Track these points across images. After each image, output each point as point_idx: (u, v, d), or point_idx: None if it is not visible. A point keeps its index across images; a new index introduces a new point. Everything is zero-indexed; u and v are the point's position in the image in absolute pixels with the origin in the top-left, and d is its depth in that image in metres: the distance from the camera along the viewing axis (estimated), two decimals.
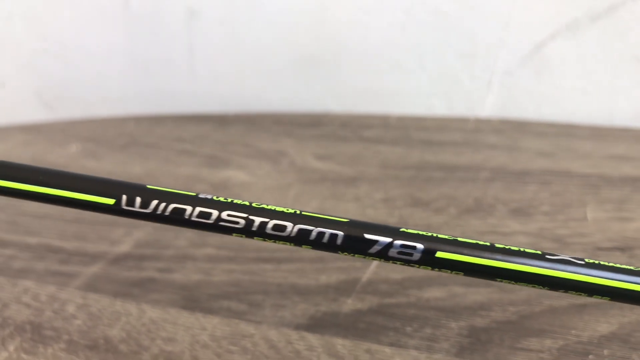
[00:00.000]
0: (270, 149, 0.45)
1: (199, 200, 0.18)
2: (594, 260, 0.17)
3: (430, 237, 0.18)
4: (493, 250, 0.17)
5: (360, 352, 0.25)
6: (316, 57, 0.51)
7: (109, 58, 0.56)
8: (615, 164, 0.40)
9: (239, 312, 0.28)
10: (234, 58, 0.53)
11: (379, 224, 0.18)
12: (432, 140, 0.45)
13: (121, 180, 0.18)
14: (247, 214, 0.17)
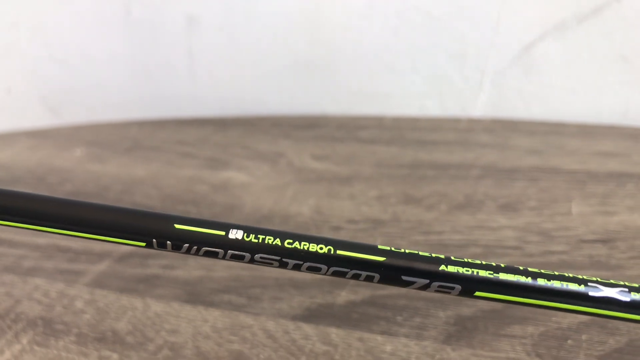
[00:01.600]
0: (268, 150, 0.47)
1: (229, 242, 0.17)
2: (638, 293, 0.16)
3: (470, 276, 0.17)
4: (534, 290, 0.16)
5: (353, 340, 0.26)
6: (312, 61, 0.53)
7: (111, 64, 0.57)
8: (602, 160, 0.41)
9: (239, 305, 0.29)
10: (232, 63, 0.55)
11: (419, 258, 0.17)
12: (425, 140, 0.47)
13: (149, 216, 0.18)
14: (280, 256, 0.17)
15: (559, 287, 0.16)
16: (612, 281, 0.17)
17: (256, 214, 0.38)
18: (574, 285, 0.16)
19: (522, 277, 0.16)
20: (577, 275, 0.17)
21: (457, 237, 0.34)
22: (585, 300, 0.16)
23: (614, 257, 0.31)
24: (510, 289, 0.16)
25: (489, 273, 0.16)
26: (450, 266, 0.17)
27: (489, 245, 0.33)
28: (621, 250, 0.32)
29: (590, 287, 0.16)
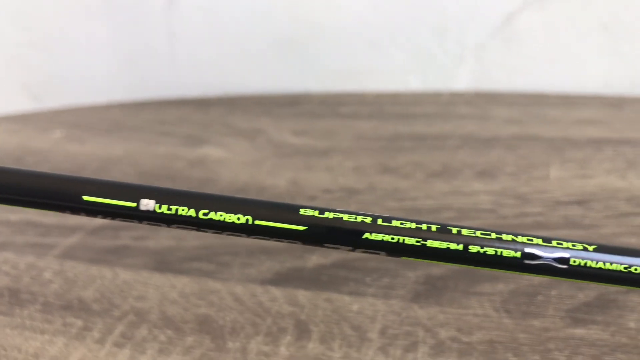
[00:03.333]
0: (248, 127, 0.46)
1: (141, 213, 0.17)
2: (577, 259, 0.16)
3: (394, 245, 0.16)
4: (464, 258, 0.16)
5: (320, 301, 0.26)
6: (293, 39, 0.52)
7: (92, 48, 0.57)
8: (581, 128, 0.41)
9: (208, 272, 0.29)
10: (213, 43, 0.54)
11: (342, 224, 0.16)
12: (405, 114, 0.47)
13: (59, 185, 0.17)
14: (196, 226, 0.17)
15: (492, 255, 0.16)
16: (554, 243, 0.16)
17: (231, 187, 0.37)
18: (509, 252, 0.16)
19: (453, 244, 0.16)
20: (517, 238, 0.16)
21: (430, 202, 0.33)
22: (519, 267, 0.16)
23: (589, 217, 0.31)
24: (438, 257, 0.16)
25: (416, 240, 0.16)
26: (374, 234, 0.16)
27: (462, 209, 0.32)
28: (596, 210, 0.31)
29: (527, 254, 0.15)
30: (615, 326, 0.23)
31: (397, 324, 0.24)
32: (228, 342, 0.24)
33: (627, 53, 0.46)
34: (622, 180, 0.34)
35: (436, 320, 0.24)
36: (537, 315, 0.24)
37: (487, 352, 0.23)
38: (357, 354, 0.23)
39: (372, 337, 0.24)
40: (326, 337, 0.24)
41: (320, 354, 0.23)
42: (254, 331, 0.25)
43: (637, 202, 0.32)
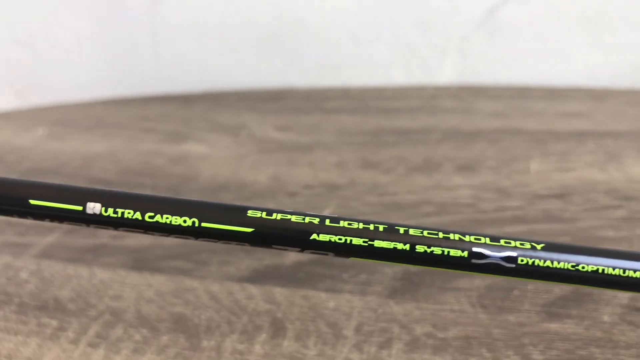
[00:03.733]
0: (231, 123, 0.46)
1: (88, 217, 0.16)
2: (525, 258, 0.15)
3: (341, 245, 0.16)
4: (411, 257, 0.16)
5: (297, 298, 0.26)
6: (277, 33, 0.52)
7: (76, 45, 0.57)
8: (565, 121, 0.41)
9: (185, 270, 0.29)
10: (197, 38, 0.54)
11: (290, 226, 0.16)
12: (389, 108, 0.46)
13: (5, 189, 0.17)
14: (143, 229, 0.16)
15: (439, 255, 0.16)
16: (502, 242, 0.16)
17: (212, 183, 0.37)
18: (456, 252, 0.15)
19: (400, 244, 0.16)
20: (464, 238, 0.16)
21: (411, 197, 0.33)
22: (467, 267, 0.15)
23: (568, 211, 0.31)
24: (386, 257, 0.16)
25: (363, 241, 0.16)
26: (322, 235, 0.16)
27: (442, 203, 0.32)
28: (575, 203, 0.31)
29: (474, 253, 0.15)
30: (590, 320, 0.23)
31: (373, 321, 0.24)
32: (203, 341, 0.24)
33: (610, 45, 0.46)
34: (603, 173, 0.34)
35: (412, 316, 0.24)
36: (512, 310, 0.24)
37: (461, 347, 0.23)
38: (332, 351, 0.23)
39: (348, 334, 0.24)
40: (301, 334, 0.24)
41: (295, 351, 0.23)
42: (229, 329, 0.25)
43: (616, 195, 0.32)
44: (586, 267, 0.15)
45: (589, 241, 0.28)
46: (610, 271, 0.15)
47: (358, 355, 0.23)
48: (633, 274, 0.15)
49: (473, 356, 0.22)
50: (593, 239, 0.28)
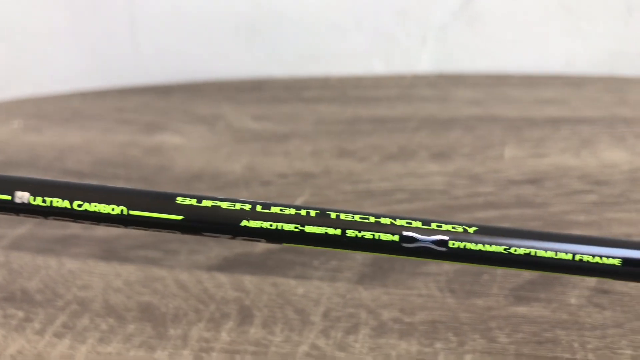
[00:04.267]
0: (208, 113, 0.46)
1: (17, 206, 0.16)
2: (456, 242, 0.15)
3: (273, 231, 0.16)
4: (343, 242, 0.16)
5: (266, 285, 0.26)
6: (256, 23, 0.52)
7: (53, 37, 0.56)
8: (541, 107, 0.41)
9: (155, 259, 0.28)
10: (175, 29, 0.53)
11: (220, 213, 0.16)
12: (367, 97, 0.46)
13: None
14: (72, 218, 0.16)
15: (369, 239, 0.15)
16: (433, 226, 0.15)
17: (186, 174, 0.37)
18: (387, 236, 0.15)
19: (331, 229, 0.15)
20: (395, 222, 0.15)
21: (384, 184, 0.33)
22: (398, 251, 0.15)
23: (540, 196, 0.31)
24: (317, 242, 0.16)
25: (294, 227, 0.16)
26: (252, 221, 0.16)
27: (415, 190, 0.32)
28: (548, 188, 0.31)
29: (405, 237, 0.15)
30: (557, 303, 0.23)
31: (341, 306, 0.24)
32: (169, 329, 0.24)
33: (588, 32, 0.46)
34: (576, 158, 0.34)
35: (380, 301, 0.24)
36: (481, 294, 0.24)
37: (428, 332, 0.22)
38: (298, 338, 0.23)
39: (315, 320, 0.24)
40: (268, 321, 0.24)
41: (261, 338, 0.23)
42: (196, 317, 0.24)
43: (588, 180, 0.32)
44: (518, 250, 0.15)
45: (560, 225, 0.28)
46: (542, 254, 0.15)
47: (324, 341, 0.22)
48: (565, 256, 0.15)
49: (439, 340, 0.22)
50: (563, 224, 0.28)
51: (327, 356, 0.22)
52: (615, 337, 0.21)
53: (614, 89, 0.43)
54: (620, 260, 0.15)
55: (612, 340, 0.21)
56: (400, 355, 0.21)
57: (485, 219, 0.29)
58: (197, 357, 0.22)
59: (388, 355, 0.22)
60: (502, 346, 0.21)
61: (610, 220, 0.28)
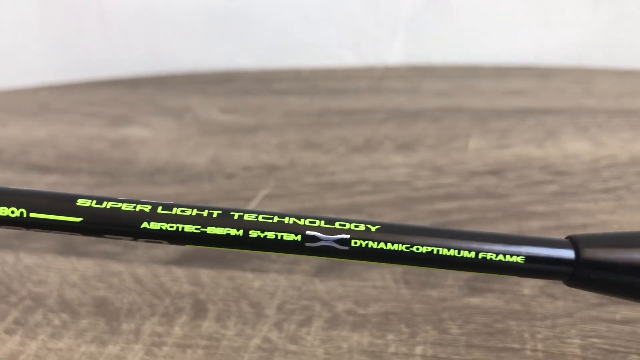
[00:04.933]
0: (177, 106, 0.45)
1: None
2: (358, 240, 0.15)
3: (174, 233, 0.16)
4: (245, 243, 0.16)
5: (223, 279, 0.26)
6: (227, 15, 0.51)
7: (23, 29, 0.55)
8: (508, 98, 0.41)
9: (113, 254, 0.28)
10: (146, 20, 0.53)
11: (120, 215, 0.16)
12: (337, 89, 0.46)
13: None
14: None
15: (272, 239, 0.15)
16: (336, 225, 0.15)
17: (150, 167, 0.36)
18: (289, 236, 0.15)
19: (233, 230, 0.15)
20: (299, 221, 0.15)
21: (348, 176, 0.33)
22: (301, 250, 0.15)
23: (501, 187, 0.31)
24: (219, 243, 0.16)
25: (195, 228, 0.15)
26: (153, 223, 0.16)
27: (378, 182, 0.32)
28: (509, 179, 0.31)
29: (308, 237, 0.15)
30: (511, 294, 0.23)
31: (296, 299, 0.24)
32: (123, 324, 0.24)
33: (556, 24, 0.46)
34: (539, 149, 0.34)
35: (335, 293, 0.24)
36: (435, 285, 0.24)
37: (380, 323, 0.22)
38: (251, 331, 0.23)
39: (269, 313, 0.23)
40: (222, 315, 0.24)
41: (214, 332, 0.23)
42: (150, 312, 0.24)
43: (550, 171, 0.32)
44: (421, 249, 0.15)
45: (519, 216, 0.28)
46: (445, 252, 0.15)
47: (277, 334, 0.22)
48: (468, 254, 0.15)
49: (391, 332, 0.22)
50: (523, 214, 0.28)
51: (278, 349, 0.22)
52: (565, 327, 0.22)
53: (580, 80, 0.43)
54: (524, 257, 0.15)
55: (561, 330, 0.21)
56: (351, 347, 0.21)
57: (445, 210, 0.29)
58: (148, 351, 0.22)
59: (339, 347, 0.21)
60: (453, 337, 0.21)
61: (569, 210, 0.28)
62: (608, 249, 0.15)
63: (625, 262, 0.15)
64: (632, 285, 0.15)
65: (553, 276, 0.15)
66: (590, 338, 0.21)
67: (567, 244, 0.15)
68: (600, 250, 0.15)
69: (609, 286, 0.15)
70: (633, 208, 0.28)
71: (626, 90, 0.41)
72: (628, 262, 0.15)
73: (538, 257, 0.15)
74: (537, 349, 0.21)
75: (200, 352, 0.22)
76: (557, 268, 0.15)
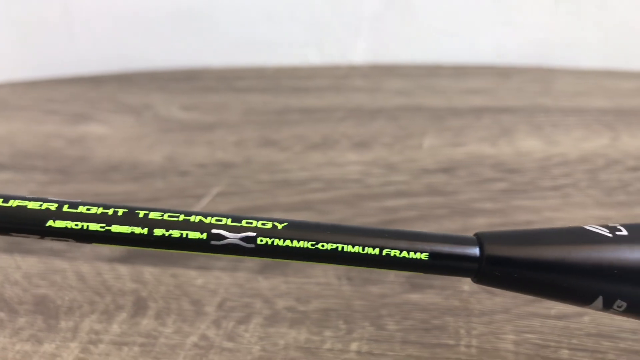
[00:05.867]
0: (137, 103, 0.45)
1: None
2: (264, 238, 0.15)
3: (79, 231, 0.16)
4: (151, 241, 0.15)
5: (166, 277, 0.25)
6: (191, 12, 0.51)
7: None
8: (467, 97, 0.41)
9: (59, 251, 0.28)
10: (110, 18, 0.52)
11: (26, 213, 0.15)
12: (300, 87, 0.46)
13: None
14: None
15: (177, 238, 0.15)
16: (243, 223, 0.15)
17: (104, 164, 0.36)
18: (195, 234, 0.15)
19: (138, 228, 0.15)
20: (205, 219, 0.15)
21: (302, 174, 0.33)
22: (207, 249, 0.15)
23: (451, 184, 0.31)
24: (125, 241, 0.15)
25: (100, 226, 0.15)
26: (58, 221, 0.15)
27: (331, 179, 0.32)
28: (460, 177, 0.31)
29: (213, 235, 0.15)
30: (451, 290, 0.24)
31: (237, 296, 0.24)
32: (61, 322, 0.23)
33: (518, 23, 0.47)
34: (493, 147, 0.34)
35: (277, 290, 0.24)
36: (377, 282, 0.24)
37: (319, 320, 0.22)
38: (190, 328, 0.22)
39: (209, 310, 0.23)
40: (162, 313, 0.23)
41: (152, 329, 0.23)
42: (90, 309, 0.24)
43: (501, 168, 0.32)
44: (326, 245, 0.15)
45: (466, 213, 0.28)
46: (349, 249, 0.15)
47: (215, 331, 0.22)
48: (372, 251, 0.15)
49: (329, 328, 0.22)
50: (470, 211, 0.28)
51: (214, 346, 0.21)
52: (500, 323, 0.22)
53: (539, 79, 0.43)
54: (428, 254, 0.15)
55: (497, 326, 0.22)
56: (288, 344, 0.21)
57: (394, 208, 0.29)
58: (84, 349, 0.22)
59: (276, 343, 0.21)
60: (389, 333, 0.22)
61: (516, 207, 0.29)
62: (511, 246, 0.15)
63: (526, 259, 0.15)
64: (533, 281, 0.15)
65: (459, 273, 0.15)
66: (524, 333, 0.21)
67: (472, 241, 0.15)
68: (504, 247, 0.15)
69: (513, 283, 0.15)
70: (578, 205, 0.29)
71: (583, 89, 0.42)
72: (529, 258, 0.15)
73: (442, 253, 0.15)
74: (471, 344, 0.21)
75: (136, 350, 0.22)
76: (462, 264, 0.15)
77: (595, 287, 0.15)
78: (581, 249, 0.15)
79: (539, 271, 0.15)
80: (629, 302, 0.15)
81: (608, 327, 0.21)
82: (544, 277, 0.15)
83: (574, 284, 0.15)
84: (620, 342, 0.21)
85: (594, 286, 0.15)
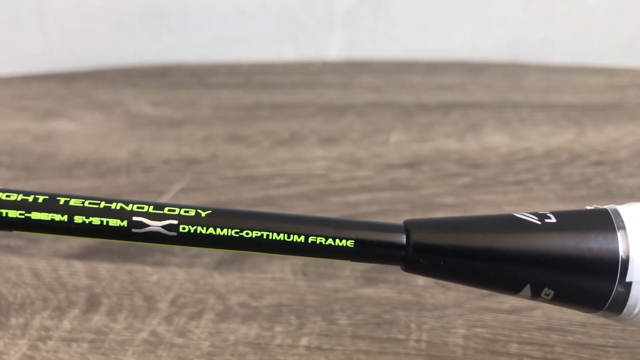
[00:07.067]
0: (108, 99, 0.44)
1: None
2: (187, 226, 0.15)
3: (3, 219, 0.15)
4: (72, 229, 0.15)
5: (121, 273, 0.25)
6: (164, 9, 0.51)
7: None
8: (437, 93, 0.41)
9: (16, 248, 0.27)
10: (83, 14, 0.52)
11: None
12: (272, 84, 0.46)
13: None
14: None
15: (97, 225, 0.15)
16: (165, 210, 0.15)
17: (70, 160, 0.36)
18: (115, 222, 0.15)
19: (58, 215, 0.15)
20: (126, 207, 0.15)
21: (267, 169, 0.33)
22: (128, 237, 0.15)
23: (415, 179, 0.31)
24: (44, 229, 0.15)
25: (19, 213, 0.15)
26: None
27: (296, 175, 0.32)
28: (423, 172, 0.31)
29: (134, 222, 0.15)
30: (404, 284, 0.23)
31: (191, 293, 0.24)
32: (11, 319, 0.23)
33: (490, 19, 0.47)
34: (459, 142, 0.34)
35: (232, 286, 0.24)
36: (332, 276, 0.24)
37: (271, 315, 0.22)
38: (140, 325, 0.22)
39: (161, 307, 0.23)
40: (114, 309, 0.23)
41: (102, 326, 0.22)
42: (42, 306, 0.24)
43: (465, 164, 0.32)
44: (250, 233, 0.15)
45: (427, 207, 0.28)
46: (275, 236, 0.15)
47: (166, 327, 0.22)
48: (297, 239, 0.15)
49: (280, 323, 0.22)
50: (431, 206, 0.28)
51: (164, 342, 0.21)
52: (452, 317, 0.22)
53: (510, 74, 0.43)
54: (353, 241, 0.15)
55: (448, 320, 0.22)
56: (237, 340, 0.21)
57: (355, 203, 0.29)
58: (33, 346, 0.22)
59: (226, 339, 0.21)
60: (340, 328, 0.21)
61: (477, 202, 0.29)
62: (438, 233, 0.15)
63: (452, 246, 0.15)
64: (460, 269, 0.15)
65: (387, 261, 0.15)
66: (475, 328, 0.21)
67: (400, 229, 0.15)
68: (431, 235, 0.15)
69: (441, 271, 0.15)
70: (539, 199, 0.29)
71: (553, 85, 0.42)
72: (455, 246, 0.15)
73: (368, 241, 0.15)
74: (421, 339, 0.21)
75: (85, 346, 0.21)
76: (388, 252, 0.15)
77: (522, 275, 0.14)
78: (508, 236, 0.15)
79: (465, 259, 0.14)
80: (555, 290, 0.15)
81: (558, 320, 0.21)
82: (471, 264, 0.15)
83: (501, 271, 0.15)
84: (569, 335, 0.21)
85: (521, 274, 0.14)
